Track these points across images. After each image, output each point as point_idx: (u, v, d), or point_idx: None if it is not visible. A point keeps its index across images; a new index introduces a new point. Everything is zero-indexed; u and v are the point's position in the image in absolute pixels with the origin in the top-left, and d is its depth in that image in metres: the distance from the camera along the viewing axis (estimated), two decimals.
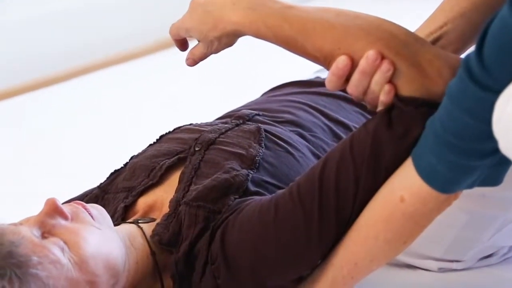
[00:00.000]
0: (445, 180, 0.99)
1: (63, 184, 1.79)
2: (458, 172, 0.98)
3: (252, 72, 2.55)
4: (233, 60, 2.59)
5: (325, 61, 1.07)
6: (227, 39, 1.13)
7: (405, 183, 1.03)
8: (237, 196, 1.19)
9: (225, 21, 1.10)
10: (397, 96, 1.04)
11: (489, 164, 0.97)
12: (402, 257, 1.34)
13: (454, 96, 0.94)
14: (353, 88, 1.05)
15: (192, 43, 1.21)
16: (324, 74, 1.70)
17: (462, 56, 1.03)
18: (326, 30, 1.06)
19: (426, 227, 1.06)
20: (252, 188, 1.21)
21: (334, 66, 1.04)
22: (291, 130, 1.39)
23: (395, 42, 1.04)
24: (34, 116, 2.35)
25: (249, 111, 1.43)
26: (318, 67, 1.87)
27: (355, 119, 1.49)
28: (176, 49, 1.23)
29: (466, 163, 0.97)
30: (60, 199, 1.15)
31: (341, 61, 1.04)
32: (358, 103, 1.47)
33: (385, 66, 1.02)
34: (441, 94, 1.00)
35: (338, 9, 1.08)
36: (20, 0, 2.85)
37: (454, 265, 1.33)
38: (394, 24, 1.07)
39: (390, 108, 1.05)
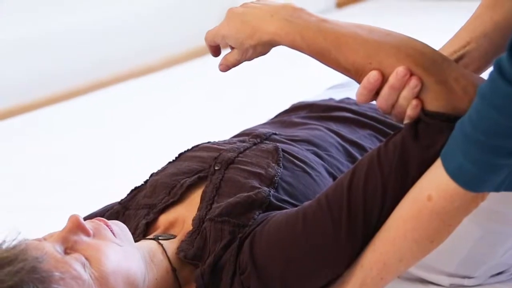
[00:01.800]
0: (472, 178, 1.02)
1: (83, 198, 1.81)
2: (485, 170, 1.01)
3: (266, 87, 2.57)
4: (246, 76, 2.62)
5: (356, 74, 1.12)
6: (262, 48, 1.18)
7: (433, 182, 1.07)
8: (261, 211, 1.22)
9: (262, 31, 1.15)
10: (423, 110, 1.09)
11: None
12: (415, 271, 1.35)
13: (484, 95, 0.98)
14: (382, 102, 1.11)
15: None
16: (336, 93, 1.72)
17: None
18: (359, 45, 1.11)
19: (453, 227, 1.09)
20: (275, 203, 1.24)
21: (365, 80, 1.10)
22: (307, 149, 1.41)
23: (423, 60, 1.09)
24: (57, 129, 2.37)
25: (266, 130, 1.46)
26: (330, 84, 1.90)
27: (368, 141, 1.51)
28: (191, 65, 1.26)
29: (493, 160, 1.00)
30: (80, 213, 1.17)
31: (372, 76, 1.09)
32: (371, 127, 1.53)
33: (413, 82, 1.07)
34: (466, 110, 1.04)
35: (371, 26, 1.14)
36: (29, 18, 2.87)
37: (465, 282, 1.34)
38: (423, 43, 1.12)
39: (416, 122, 1.10)
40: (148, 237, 1.25)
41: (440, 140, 1.08)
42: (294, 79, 2.52)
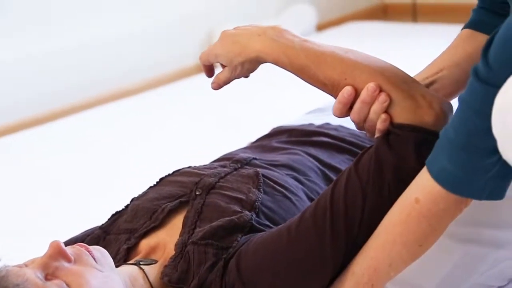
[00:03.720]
0: (454, 179, 1.07)
1: (62, 222, 1.80)
2: (466, 171, 1.06)
3: (246, 111, 2.57)
4: (227, 100, 2.64)
5: (333, 89, 1.22)
6: (250, 65, 1.28)
7: (420, 186, 1.12)
8: (243, 234, 1.23)
9: (249, 49, 1.26)
10: (392, 123, 1.17)
11: (493, 175, 1.05)
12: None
13: (463, 99, 1.04)
14: (355, 115, 1.19)
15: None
16: (315, 118, 1.74)
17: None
18: (336, 62, 1.22)
19: (440, 232, 1.13)
20: (257, 226, 1.26)
21: (340, 95, 1.20)
22: (286, 174, 1.43)
23: (394, 78, 1.19)
24: (33, 152, 2.36)
25: (247, 155, 1.47)
26: (309, 108, 1.91)
27: (346, 166, 1.52)
28: (171, 88, 1.29)
29: (473, 161, 1.05)
30: (61, 238, 1.17)
31: (346, 91, 1.19)
32: (349, 152, 1.56)
33: (382, 97, 1.17)
34: (432, 123, 1.16)
35: (348, 48, 1.24)
36: (25, 38, 2.87)
37: None
38: (396, 66, 1.22)
39: (387, 134, 1.17)
40: (129, 262, 1.25)
41: (410, 149, 1.15)
42: (274, 103, 2.54)
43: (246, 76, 1.32)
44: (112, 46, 3.14)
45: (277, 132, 1.68)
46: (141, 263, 1.24)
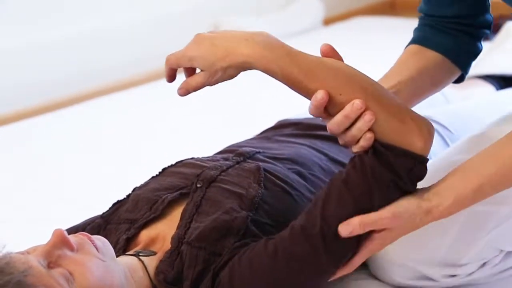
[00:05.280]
0: None
1: (64, 210, 1.81)
2: None
3: (251, 104, 2.57)
4: (231, 91, 2.63)
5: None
6: (233, 71, 1.19)
7: None
8: (236, 239, 1.24)
9: (236, 53, 1.18)
10: (380, 143, 1.17)
11: None
12: (410, 263, 1.38)
13: None
14: (334, 126, 1.18)
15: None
16: None
17: None
18: (330, 78, 1.18)
19: None
20: (252, 228, 1.26)
21: (313, 98, 1.17)
22: (290, 168, 1.43)
23: (386, 99, 1.18)
24: (36, 141, 2.35)
25: (250, 148, 1.47)
26: None
27: None
28: (177, 79, 1.27)
29: None
30: (61, 226, 1.18)
31: (319, 94, 1.16)
32: None
33: (368, 116, 1.15)
34: (420, 147, 1.17)
35: (334, 60, 1.21)
36: (19, 27, 2.87)
37: (458, 270, 1.37)
38: (384, 87, 1.22)
39: (373, 152, 1.17)
40: (129, 252, 1.26)
41: (402, 171, 1.16)
42: (280, 97, 2.53)
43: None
44: (114, 38, 3.13)
45: (282, 125, 1.68)
46: (140, 254, 1.24)
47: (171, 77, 1.24)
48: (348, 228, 1.15)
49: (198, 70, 1.22)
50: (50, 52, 2.92)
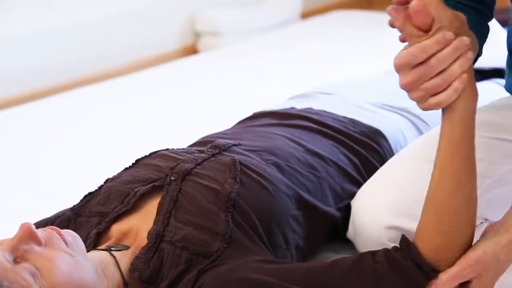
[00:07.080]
0: None
1: (35, 202, 1.77)
2: None
3: (227, 96, 2.55)
4: (208, 84, 2.61)
5: None
6: None
7: None
8: (225, 245, 1.21)
9: None
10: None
11: None
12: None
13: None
14: (436, 64, 1.11)
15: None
16: (297, 103, 1.72)
17: None
18: None
19: None
20: (236, 237, 1.23)
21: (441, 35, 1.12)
22: (267, 159, 1.40)
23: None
24: (8, 133, 2.32)
25: (226, 141, 1.43)
26: (291, 94, 1.89)
27: (329, 151, 1.50)
28: (153, 70, 1.23)
29: None
30: (32, 218, 1.14)
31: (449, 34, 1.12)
32: (332, 137, 1.52)
33: (471, 54, 1.13)
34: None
35: None
36: (17, 14, 2.83)
37: None
38: None
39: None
40: (100, 247, 1.22)
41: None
42: (258, 89, 2.52)
43: None
44: (92, 29, 3.10)
45: (258, 115, 1.65)
46: (112, 249, 1.21)
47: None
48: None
49: None
50: (23, 43, 2.88)
